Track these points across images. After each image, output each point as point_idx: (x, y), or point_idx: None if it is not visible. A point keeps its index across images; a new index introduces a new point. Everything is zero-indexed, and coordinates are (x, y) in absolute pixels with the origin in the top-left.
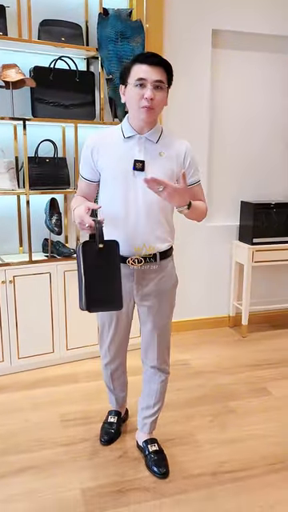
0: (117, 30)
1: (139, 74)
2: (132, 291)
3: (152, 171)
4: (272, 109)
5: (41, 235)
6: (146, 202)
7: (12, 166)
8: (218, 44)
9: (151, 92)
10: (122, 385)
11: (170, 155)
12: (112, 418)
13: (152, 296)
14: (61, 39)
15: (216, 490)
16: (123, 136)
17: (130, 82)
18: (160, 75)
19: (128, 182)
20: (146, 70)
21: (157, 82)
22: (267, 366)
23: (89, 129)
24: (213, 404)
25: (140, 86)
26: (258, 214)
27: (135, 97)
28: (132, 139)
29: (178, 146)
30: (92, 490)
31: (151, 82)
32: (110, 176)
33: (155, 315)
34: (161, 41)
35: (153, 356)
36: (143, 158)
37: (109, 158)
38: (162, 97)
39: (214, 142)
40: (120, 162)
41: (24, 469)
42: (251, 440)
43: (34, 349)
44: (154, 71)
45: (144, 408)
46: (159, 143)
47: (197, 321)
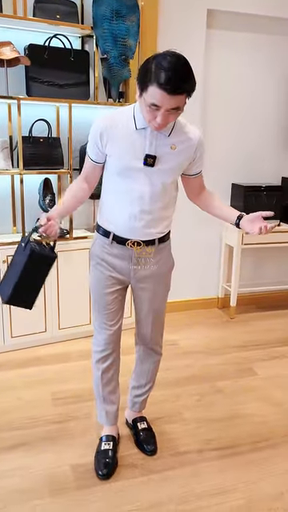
0: (112, 9)
1: (154, 99)
2: (129, 272)
3: (162, 166)
4: (266, 91)
5: (34, 215)
6: (151, 193)
7: (6, 146)
8: (213, 25)
9: (163, 118)
10: (113, 392)
11: (181, 148)
12: (106, 445)
13: (149, 278)
14: (56, 17)
15: (202, 467)
16: (135, 126)
17: (145, 97)
18: (178, 102)
19: (135, 176)
20: (163, 98)
21: (173, 109)
22: (254, 346)
23: (83, 109)
24: (200, 384)
25: (153, 109)
26: (249, 196)
27: (147, 114)
28: (144, 130)
29: (191, 136)
30: (82, 467)
31: (166, 109)
32: (117, 166)
33: (151, 298)
34: (155, 20)
35: (147, 338)
36: (154, 152)
37: (118, 147)
38: (175, 116)
39: (206, 124)
40: (130, 154)
41: (16, 445)
42: (237, 419)
43: (27, 328)
44: (171, 100)
45: (135, 387)
46: (172, 136)
47: (186, 302)
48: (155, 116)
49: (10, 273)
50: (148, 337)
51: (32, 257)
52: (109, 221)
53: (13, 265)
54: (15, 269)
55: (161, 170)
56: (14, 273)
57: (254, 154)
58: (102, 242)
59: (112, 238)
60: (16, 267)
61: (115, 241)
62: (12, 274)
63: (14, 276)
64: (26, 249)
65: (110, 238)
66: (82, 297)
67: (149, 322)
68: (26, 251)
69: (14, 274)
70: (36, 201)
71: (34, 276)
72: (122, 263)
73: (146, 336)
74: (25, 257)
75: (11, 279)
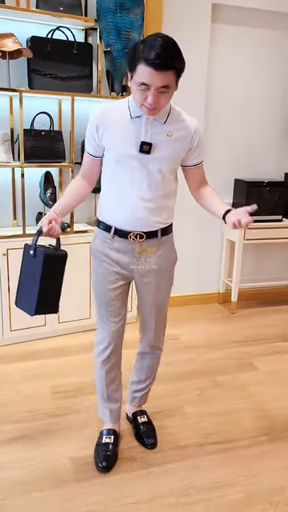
0: (116, 1)
1: (143, 77)
2: (132, 266)
3: (158, 153)
4: (270, 87)
5: (35, 209)
6: (150, 183)
7: (7, 138)
8: (218, 19)
9: (153, 98)
10: (116, 390)
11: (178, 135)
12: (107, 438)
13: (152, 272)
14: (59, 9)
15: (202, 461)
16: (130, 115)
17: (134, 78)
18: (167, 80)
19: (133, 164)
20: (151, 74)
21: (162, 87)
22: (254, 342)
23: (86, 102)
24: (201, 378)
25: (143, 89)
26: (251, 192)
27: (138, 96)
28: (139, 119)
29: (187, 124)
30: (81, 460)
31: (155, 88)
32: (114, 156)
33: (154, 292)
34: (160, 13)
35: (150, 335)
36: (150, 139)
37: (114, 137)
38: (167, 97)
39: (209, 119)
40: (126, 142)
41: (15, 438)
42: (237, 413)
43: (26, 321)
44: (159, 77)
45: (135, 382)
46: (167, 123)
47: (187, 297)
48: (146, 96)
49: (25, 284)
50: (152, 332)
51: (47, 262)
52: (109, 214)
53: (26, 275)
54: (31, 279)
55: (157, 157)
56: (31, 283)
57: (257, 149)
58: (103, 237)
59: (113, 232)
60: (31, 277)
61: (117, 235)
62: (29, 285)
63: (33, 286)
64: (38, 255)
65: (111, 233)
66: (82, 291)
67: (152, 317)
68: (38, 258)
69: (33, 285)
70: (37, 194)
71: (53, 280)
72: (124, 257)
73: (149, 331)
74: (38, 264)
75: (30, 290)
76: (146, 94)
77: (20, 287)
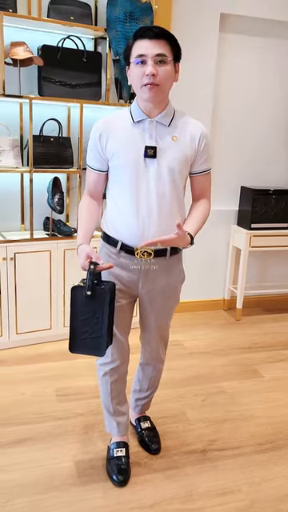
0: (126, 11)
1: (138, 50)
2: (137, 284)
3: (164, 157)
4: (276, 95)
5: (43, 213)
6: (158, 191)
7: (17, 144)
8: (226, 28)
9: (152, 67)
10: (122, 403)
11: (183, 139)
12: (119, 452)
13: (159, 291)
14: (70, 18)
15: (206, 467)
16: (132, 120)
17: (132, 60)
18: (161, 49)
19: (139, 171)
20: (146, 45)
21: (158, 56)
22: (260, 349)
23: (94, 109)
24: (205, 384)
25: (141, 63)
26: (257, 199)
27: (137, 75)
28: (142, 123)
29: (193, 128)
30: (85, 463)
31: (152, 58)
32: (119, 164)
33: (159, 312)
34: (169, 23)
35: (151, 349)
36: (155, 143)
37: (118, 144)
38: (166, 71)
39: (216, 127)
40: (130, 148)
41: (20, 440)
42: (241, 420)
43: (32, 325)
44: (154, 45)
45: (137, 391)
46: (172, 126)
47: (192, 303)
48: (144, 71)
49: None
50: (153, 347)
51: (111, 295)
52: (116, 228)
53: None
54: (93, 319)
55: (164, 161)
56: (94, 324)
57: (263, 157)
58: (108, 252)
59: (120, 248)
60: (93, 317)
61: (123, 250)
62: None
63: (99, 326)
64: (99, 293)
65: (117, 248)
66: None
67: (155, 334)
68: (102, 295)
69: (97, 324)
70: (45, 199)
71: (85, 316)
72: (129, 275)
73: (150, 346)
74: (102, 302)
75: (95, 331)
76: (143, 68)
77: (78, 333)
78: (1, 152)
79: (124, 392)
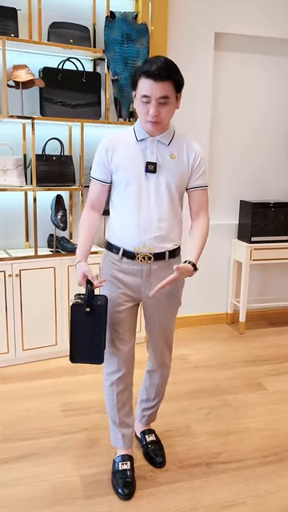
0: (123, 33)
1: (143, 90)
2: (140, 288)
3: (163, 173)
4: (273, 110)
5: (46, 231)
6: (158, 203)
7: (20, 164)
8: (221, 46)
9: (155, 109)
10: (128, 415)
11: (180, 157)
12: (124, 465)
13: (160, 295)
14: (69, 41)
15: (210, 480)
16: (136, 138)
17: (137, 95)
18: (165, 91)
19: (140, 184)
20: (151, 86)
21: (161, 98)
22: (263, 362)
23: (94, 128)
24: (209, 397)
25: (145, 102)
26: (257, 213)
27: (142, 110)
28: (144, 141)
29: (189, 147)
30: (90, 477)
31: (156, 99)
32: (122, 177)
33: (162, 315)
34: (165, 43)
35: (157, 354)
36: (155, 160)
37: (122, 159)
38: (168, 110)
39: (214, 142)
40: (133, 163)
41: (25, 455)
42: (245, 433)
43: (38, 341)
44: (158, 87)
45: (144, 400)
46: (171, 145)
47: (196, 317)
48: (148, 109)
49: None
50: (159, 351)
51: (106, 310)
52: (118, 236)
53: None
54: (90, 332)
55: (164, 176)
56: (92, 335)
57: (262, 170)
58: (111, 259)
59: (122, 254)
60: (91, 330)
61: (125, 256)
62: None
63: (97, 337)
64: (97, 309)
65: (119, 254)
66: None
67: (160, 337)
68: (99, 311)
69: (95, 336)
70: (48, 216)
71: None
72: (132, 279)
73: (157, 350)
74: (99, 316)
75: (93, 342)
76: (148, 106)
77: (78, 344)
78: (5, 171)
79: (130, 403)
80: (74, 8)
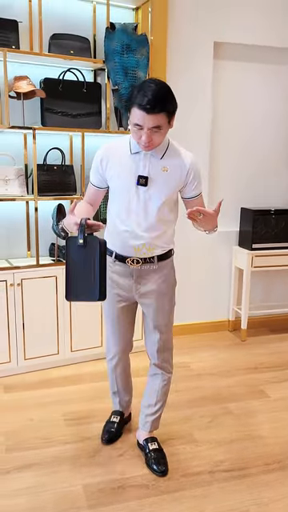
0: (123, 43)
1: (135, 119)
2: (131, 288)
3: (154, 186)
4: (272, 119)
5: (48, 240)
6: (146, 214)
7: (21, 173)
8: (220, 56)
9: (147, 137)
10: (126, 385)
11: (173, 170)
12: (114, 418)
13: (151, 294)
14: (70, 52)
15: (213, 488)
16: (130, 151)
17: (130, 119)
18: (157, 121)
19: (131, 195)
20: (143, 117)
21: (154, 128)
22: (265, 369)
23: (95, 137)
24: (212, 405)
25: (138, 129)
26: (258, 220)
27: (135, 135)
28: (138, 154)
29: (183, 160)
30: (93, 487)
31: (148, 128)
32: (116, 187)
33: (155, 313)
34: (164, 53)
35: (154, 354)
36: (147, 173)
37: (116, 170)
38: (160, 136)
39: (215, 151)
40: (125, 175)
41: (28, 465)
42: (248, 440)
43: (40, 350)
44: (151, 118)
45: (146, 406)
46: (164, 158)
47: (197, 325)
48: (140, 135)
49: (79, 275)
50: (155, 353)
51: (101, 248)
52: (111, 241)
53: (77, 266)
54: (86, 267)
55: (154, 189)
56: (87, 271)
57: (261, 178)
58: (108, 261)
59: (114, 257)
60: (86, 265)
61: (117, 259)
62: (86, 274)
63: (92, 273)
64: (91, 243)
65: (112, 257)
66: (93, 319)
67: (155, 338)
68: (93, 245)
69: (90, 272)
70: (49, 226)
71: (79, 264)
72: (124, 280)
73: (153, 352)
74: (93, 251)
75: (89, 278)
76: (140, 133)
77: (73, 280)
78: (6, 181)
79: (126, 380)
80: (75, 20)
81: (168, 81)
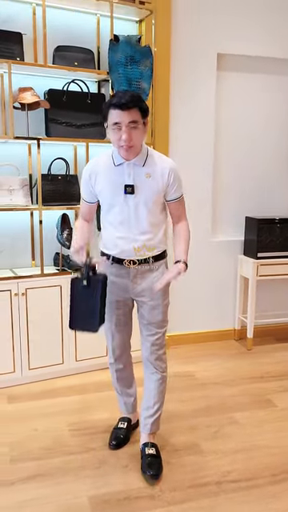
0: (127, 55)
1: (113, 119)
2: (128, 288)
3: (140, 193)
4: (275, 128)
5: (52, 249)
6: (137, 220)
7: (26, 183)
8: (223, 67)
9: (127, 134)
10: (129, 387)
11: (155, 175)
12: (121, 424)
13: (145, 292)
14: (74, 63)
15: (221, 499)
16: (114, 164)
17: (109, 125)
18: (133, 116)
19: (121, 204)
20: (120, 114)
21: (131, 123)
22: (272, 378)
23: (99, 147)
24: (217, 415)
25: (117, 129)
26: (263, 229)
27: (114, 137)
28: (121, 166)
29: (163, 165)
30: (99, 498)
31: (126, 125)
32: (105, 199)
33: (150, 311)
34: (168, 64)
35: (148, 351)
36: (132, 182)
37: (103, 184)
38: (138, 133)
39: (218, 160)
40: (113, 187)
41: (32, 476)
42: (255, 451)
43: (44, 360)
44: (126, 114)
45: (145, 409)
46: (145, 166)
47: (203, 334)
48: (120, 135)
49: (81, 311)
50: (149, 350)
51: (104, 283)
52: (107, 247)
53: (80, 303)
54: (88, 303)
55: (141, 196)
56: (90, 307)
57: (266, 187)
58: (105, 264)
59: (112, 260)
60: (88, 302)
61: (114, 261)
62: (88, 310)
63: (93, 309)
64: (95, 281)
65: (109, 260)
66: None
67: (150, 332)
68: (96, 283)
69: (92, 308)
70: (54, 235)
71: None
72: (121, 280)
73: (147, 348)
74: (96, 289)
75: (90, 313)
76: (119, 132)
77: (76, 313)
78: (11, 191)
79: (129, 379)
80: (79, 32)
81: (172, 92)
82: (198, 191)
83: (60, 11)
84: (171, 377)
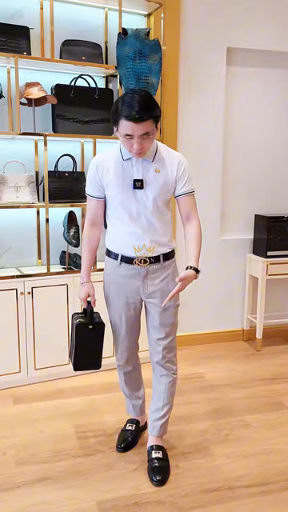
0: (135, 49)
1: (126, 130)
2: (139, 290)
3: (149, 188)
4: (286, 123)
5: (59, 247)
6: (146, 215)
7: (32, 180)
8: (233, 62)
9: (138, 145)
10: (137, 390)
11: (164, 170)
12: (130, 426)
13: (157, 294)
14: (81, 58)
15: (233, 505)
16: (122, 158)
17: (119, 131)
18: (146, 128)
19: (130, 199)
20: (132, 127)
21: (144, 135)
22: (282, 380)
23: (107, 144)
24: (228, 418)
25: (129, 139)
26: (272, 227)
27: (126, 144)
28: (130, 160)
29: (172, 159)
30: (108, 503)
31: (138, 136)
32: (113, 193)
33: (160, 312)
34: (177, 59)
35: (159, 354)
36: (141, 177)
37: (112, 177)
38: (150, 142)
39: (228, 157)
40: (121, 181)
41: (39, 480)
42: (267, 454)
43: (50, 360)
44: (139, 127)
45: (153, 411)
46: (155, 161)
47: (211, 334)
48: (132, 144)
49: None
50: (160, 353)
51: (102, 328)
52: (115, 244)
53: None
54: (90, 344)
55: (150, 190)
56: (91, 347)
57: (275, 185)
58: (111, 265)
59: (120, 259)
60: (90, 343)
61: (123, 261)
62: (90, 349)
63: (95, 348)
64: (98, 325)
65: (118, 260)
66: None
67: (161, 335)
68: (99, 327)
69: (93, 347)
70: (61, 233)
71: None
72: (131, 281)
73: (158, 352)
74: (97, 332)
75: (92, 353)
76: (131, 142)
77: (81, 356)
78: (17, 188)
79: (138, 381)
80: (86, 26)
81: (180, 87)
82: (207, 188)
83: (67, 5)
84: (179, 379)
